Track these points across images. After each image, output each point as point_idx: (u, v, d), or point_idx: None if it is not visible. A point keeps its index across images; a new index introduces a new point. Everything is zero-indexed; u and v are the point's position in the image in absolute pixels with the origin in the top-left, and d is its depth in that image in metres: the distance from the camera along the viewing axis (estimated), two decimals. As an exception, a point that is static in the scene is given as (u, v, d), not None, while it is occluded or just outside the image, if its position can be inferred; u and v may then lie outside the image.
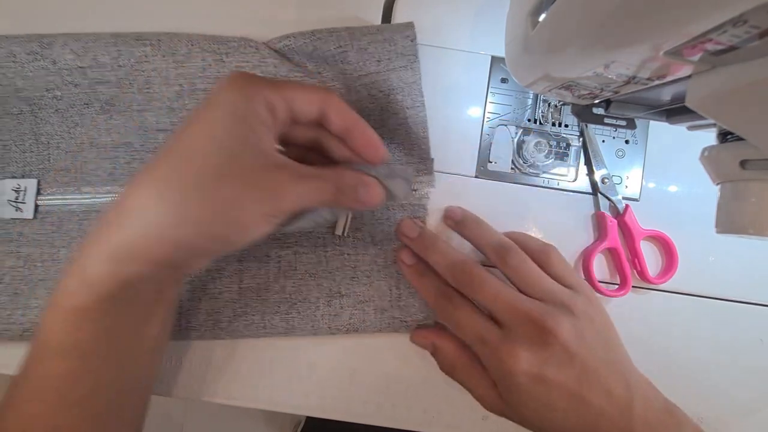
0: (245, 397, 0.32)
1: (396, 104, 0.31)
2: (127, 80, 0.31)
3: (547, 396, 0.26)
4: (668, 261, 0.33)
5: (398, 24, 0.31)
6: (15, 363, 0.32)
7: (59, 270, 0.31)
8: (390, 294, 0.32)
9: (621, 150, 0.34)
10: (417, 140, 0.32)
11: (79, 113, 0.32)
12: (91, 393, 0.22)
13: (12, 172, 0.32)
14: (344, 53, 0.30)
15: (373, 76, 0.31)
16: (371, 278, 0.32)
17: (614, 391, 0.26)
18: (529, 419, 0.27)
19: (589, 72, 0.21)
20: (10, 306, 0.31)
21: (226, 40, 0.30)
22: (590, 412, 0.26)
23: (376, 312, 0.31)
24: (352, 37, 0.30)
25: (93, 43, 0.30)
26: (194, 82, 0.31)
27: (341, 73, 0.31)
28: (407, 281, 0.31)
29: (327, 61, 0.31)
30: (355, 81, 0.31)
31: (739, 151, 0.20)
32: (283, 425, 1.08)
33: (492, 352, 0.27)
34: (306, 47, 0.30)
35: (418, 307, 0.31)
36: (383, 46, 0.30)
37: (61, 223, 0.32)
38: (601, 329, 0.28)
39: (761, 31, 0.13)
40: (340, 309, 0.31)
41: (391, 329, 0.31)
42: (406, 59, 0.31)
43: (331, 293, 0.31)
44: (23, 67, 0.30)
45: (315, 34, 0.30)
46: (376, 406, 0.32)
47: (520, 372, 0.26)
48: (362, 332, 0.31)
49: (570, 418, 0.26)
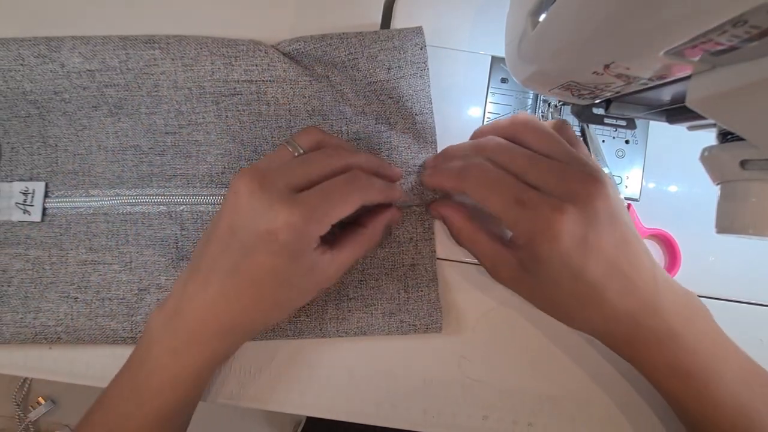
0: (245, 397, 0.32)
1: (405, 111, 0.31)
2: (135, 83, 0.31)
3: (582, 264, 0.24)
4: (671, 259, 0.33)
5: (407, 30, 0.31)
6: (15, 363, 0.32)
7: (67, 273, 0.31)
8: (398, 297, 0.32)
9: (621, 150, 0.34)
10: (425, 145, 0.32)
11: (87, 116, 0.32)
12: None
13: (20, 174, 0.32)
14: (354, 60, 0.30)
15: (383, 84, 0.31)
16: (379, 281, 0.32)
17: (643, 263, 0.25)
18: (547, 293, 0.26)
19: (588, 72, 0.21)
20: (22, 309, 0.31)
21: (235, 44, 0.30)
22: (620, 283, 0.25)
23: (384, 315, 0.31)
24: (363, 44, 0.30)
25: (102, 46, 0.30)
26: (203, 85, 0.31)
27: (350, 78, 0.31)
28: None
29: (336, 66, 0.31)
30: (365, 87, 0.31)
31: (739, 151, 0.20)
32: (283, 425, 1.08)
33: (533, 212, 0.24)
34: (316, 51, 0.30)
35: (426, 310, 0.31)
36: (393, 54, 0.30)
37: (69, 226, 0.32)
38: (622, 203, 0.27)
39: (761, 31, 0.13)
40: (348, 312, 0.31)
41: (399, 333, 0.31)
42: (416, 67, 0.31)
43: (339, 296, 0.31)
44: (31, 70, 0.30)
45: (325, 39, 0.30)
46: (375, 406, 0.32)
47: (567, 232, 0.23)
48: (370, 335, 0.31)
49: (596, 292, 0.25)
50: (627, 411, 0.32)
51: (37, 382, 1.09)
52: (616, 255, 0.25)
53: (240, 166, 0.32)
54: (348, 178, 0.26)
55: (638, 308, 0.25)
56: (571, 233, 0.24)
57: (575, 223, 0.24)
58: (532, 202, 0.24)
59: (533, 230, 0.25)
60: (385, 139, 0.31)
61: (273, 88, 0.31)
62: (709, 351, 0.26)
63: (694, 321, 0.26)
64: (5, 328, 0.30)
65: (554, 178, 0.25)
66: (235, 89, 0.31)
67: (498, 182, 0.26)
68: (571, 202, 0.24)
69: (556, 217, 0.24)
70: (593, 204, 0.24)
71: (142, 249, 0.32)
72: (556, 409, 0.32)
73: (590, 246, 0.24)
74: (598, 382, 0.32)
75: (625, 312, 0.25)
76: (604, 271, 0.24)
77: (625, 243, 0.25)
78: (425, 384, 0.32)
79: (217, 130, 0.32)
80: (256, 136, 0.32)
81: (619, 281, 0.25)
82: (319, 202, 0.24)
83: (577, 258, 0.24)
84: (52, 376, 0.32)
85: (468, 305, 0.33)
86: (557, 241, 0.24)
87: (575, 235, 0.24)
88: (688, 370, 0.26)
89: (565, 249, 0.24)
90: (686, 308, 0.26)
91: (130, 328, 0.31)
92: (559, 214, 0.24)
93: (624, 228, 0.25)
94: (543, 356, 0.32)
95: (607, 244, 0.24)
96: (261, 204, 0.23)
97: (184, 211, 0.32)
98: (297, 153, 0.26)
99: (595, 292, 0.25)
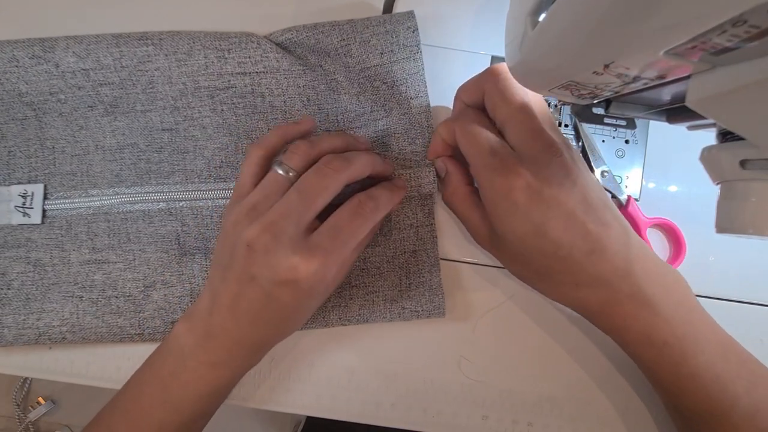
0: (245, 397, 0.32)
1: (400, 95, 0.31)
2: (130, 81, 0.31)
3: (542, 215, 0.25)
4: (676, 247, 0.33)
5: (399, 14, 0.31)
6: (15, 363, 0.32)
7: (70, 273, 0.31)
8: (400, 284, 0.32)
9: (621, 150, 0.34)
10: (421, 130, 0.32)
11: (83, 116, 0.32)
12: None
13: (18, 178, 0.32)
14: (347, 46, 0.30)
15: (377, 69, 0.31)
16: (381, 269, 0.32)
17: (612, 226, 0.25)
18: (517, 253, 0.27)
19: (588, 72, 0.21)
20: (24, 311, 0.31)
21: (228, 36, 0.30)
22: (587, 241, 0.25)
23: (386, 302, 0.31)
24: (355, 30, 0.30)
25: (95, 44, 0.30)
26: (197, 79, 0.31)
27: (344, 65, 0.31)
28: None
29: (329, 54, 0.31)
30: (359, 74, 0.31)
31: (739, 151, 0.20)
32: (283, 425, 1.08)
33: (497, 165, 0.25)
34: (308, 40, 0.30)
35: (428, 296, 0.31)
36: (386, 38, 0.30)
37: (70, 227, 0.32)
38: (595, 181, 0.27)
39: (761, 31, 0.13)
40: (350, 300, 0.31)
41: (401, 319, 0.31)
42: (409, 50, 0.31)
43: (341, 285, 0.31)
44: (26, 72, 0.30)
45: (317, 28, 0.30)
46: (375, 406, 0.32)
47: (519, 186, 0.25)
48: (372, 322, 0.31)
49: (563, 250, 0.25)
50: (627, 411, 0.32)
51: (37, 382, 1.09)
52: (577, 211, 0.25)
53: (237, 159, 0.32)
54: (353, 209, 0.27)
55: (609, 271, 0.25)
56: (526, 189, 0.24)
57: (530, 179, 0.25)
58: (500, 156, 0.25)
59: (498, 186, 0.25)
60: (382, 126, 0.31)
61: (267, 79, 0.31)
62: (686, 321, 0.26)
63: (670, 290, 0.26)
64: (7, 330, 0.30)
65: (524, 133, 0.26)
66: (230, 82, 0.31)
67: (481, 132, 0.27)
68: (532, 162, 0.25)
69: (512, 177, 0.25)
70: (550, 162, 0.25)
71: (145, 246, 0.32)
72: (556, 409, 0.32)
73: (546, 200, 0.25)
74: (598, 382, 0.32)
75: (596, 276, 0.25)
76: (565, 225, 0.25)
77: (589, 204, 0.25)
78: (425, 384, 0.32)
79: (214, 124, 0.32)
80: (252, 129, 0.32)
81: (585, 241, 0.25)
82: (332, 244, 0.25)
83: (536, 213, 0.25)
84: (52, 376, 0.32)
85: (468, 305, 0.33)
86: (513, 195, 0.25)
87: (530, 189, 0.25)
88: (665, 339, 0.26)
89: (521, 203, 0.25)
90: (662, 276, 0.26)
91: (137, 324, 0.31)
92: (515, 175, 0.25)
93: (589, 191, 0.26)
94: (543, 356, 0.32)
95: (567, 200, 0.25)
96: (278, 259, 0.24)
97: (184, 207, 0.32)
98: (290, 174, 0.27)
99: (562, 251, 0.25)
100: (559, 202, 0.25)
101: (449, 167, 0.30)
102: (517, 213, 0.25)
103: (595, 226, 0.25)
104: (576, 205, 0.25)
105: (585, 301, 0.27)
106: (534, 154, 0.25)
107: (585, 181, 0.26)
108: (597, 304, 0.27)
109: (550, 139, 0.25)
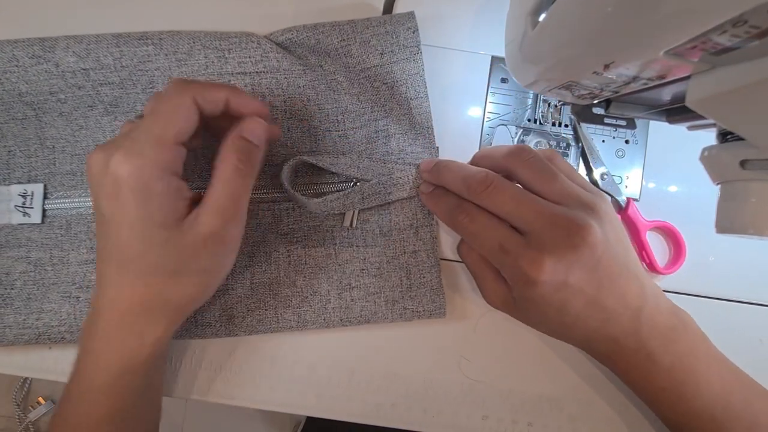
0: (245, 397, 0.32)
1: (399, 96, 0.31)
2: (130, 80, 0.31)
3: (564, 302, 0.25)
4: (676, 250, 0.33)
5: (400, 15, 0.31)
6: (15, 363, 0.32)
7: (69, 273, 0.31)
8: (401, 284, 0.32)
9: (621, 150, 0.34)
10: (421, 130, 0.32)
11: (83, 116, 0.32)
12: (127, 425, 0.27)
13: (18, 177, 0.32)
14: (347, 47, 0.30)
15: (377, 69, 0.31)
16: (381, 269, 0.32)
17: (629, 294, 0.26)
18: (535, 321, 0.28)
19: (588, 72, 0.21)
20: (25, 311, 0.31)
21: (228, 36, 0.30)
22: (602, 315, 0.26)
23: (387, 303, 0.31)
24: (355, 30, 0.30)
25: (95, 44, 0.30)
26: (198, 79, 0.31)
27: (344, 66, 0.31)
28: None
29: (329, 54, 0.31)
30: (359, 74, 0.31)
31: (739, 151, 0.20)
32: (283, 425, 1.08)
33: (514, 260, 0.25)
34: (308, 40, 0.30)
35: (429, 297, 0.31)
36: (386, 39, 0.30)
37: (70, 227, 0.32)
38: (619, 231, 0.27)
39: (761, 31, 0.13)
40: (351, 301, 0.31)
41: (403, 319, 0.31)
42: (409, 51, 0.31)
43: (342, 286, 0.31)
44: (26, 71, 0.30)
45: (318, 28, 0.30)
46: (375, 406, 0.32)
47: (544, 281, 0.25)
48: (374, 323, 0.31)
49: (580, 321, 0.26)
50: (626, 411, 0.32)
51: (37, 382, 1.09)
52: (599, 294, 0.26)
53: None
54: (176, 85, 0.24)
55: (619, 333, 0.26)
56: (550, 282, 0.25)
57: (554, 273, 0.24)
58: (513, 252, 0.25)
59: (515, 277, 0.26)
60: (382, 126, 0.31)
61: (267, 79, 0.31)
62: (688, 370, 0.27)
63: (677, 341, 0.27)
64: (8, 330, 0.30)
65: (539, 223, 0.25)
66: (230, 82, 0.31)
67: (484, 229, 0.27)
68: (551, 253, 0.24)
69: (534, 268, 0.25)
70: (576, 252, 0.25)
71: None
72: (556, 409, 0.32)
73: (570, 289, 0.25)
74: (598, 383, 0.32)
75: (606, 336, 0.27)
76: (584, 307, 0.26)
77: (610, 281, 0.26)
78: (425, 384, 0.32)
79: None
80: None
81: (602, 313, 0.26)
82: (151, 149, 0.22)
83: (558, 301, 0.25)
84: (52, 376, 0.32)
85: (468, 306, 0.33)
86: (537, 288, 0.25)
87: (554, 282, 0.25)
88: (662, 386, 0.27)
89: (546, 294, 0.25)
90: (670, 330, 0.27)
91: None
92: (537, 267, 0.24)
93: (612, 264, 0.26)
94: (543, 356, 0.32)
95: (589, 287, 0.25)
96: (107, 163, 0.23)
97: None
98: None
99: (579, 321, 0.26)
100: (582, 289, 0.25)
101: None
102: (539, 299, 0.26)
103: (613, 301, 0.26)
104: (598, 289, 0.25)
105: (592, 349, 0.29)
106: (560, 238, 0.25)
107: (610, 253, 0.26)
108: (601, 355, 0.29)
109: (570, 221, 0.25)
